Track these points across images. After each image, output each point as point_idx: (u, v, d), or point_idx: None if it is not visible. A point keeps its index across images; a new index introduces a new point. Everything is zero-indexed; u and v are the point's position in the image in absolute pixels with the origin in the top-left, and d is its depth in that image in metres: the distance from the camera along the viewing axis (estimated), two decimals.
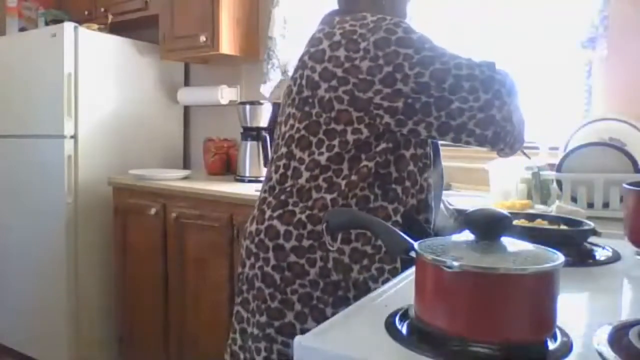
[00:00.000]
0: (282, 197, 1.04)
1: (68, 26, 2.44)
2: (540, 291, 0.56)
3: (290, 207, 1.02)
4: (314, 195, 1.01)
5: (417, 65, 0.99)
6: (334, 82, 1.00)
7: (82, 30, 2.49)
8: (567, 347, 0.57)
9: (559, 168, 1.60)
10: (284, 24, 2.59)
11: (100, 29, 2.66)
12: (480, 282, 0.55)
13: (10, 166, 2.67)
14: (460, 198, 1.82)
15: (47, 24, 2.81)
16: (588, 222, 1.06)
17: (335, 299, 0.98)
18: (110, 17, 2.81)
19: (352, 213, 0.82)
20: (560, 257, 0.58)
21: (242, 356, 1.06)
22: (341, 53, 1.01)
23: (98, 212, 2.53)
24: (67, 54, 2.42)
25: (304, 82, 1.05)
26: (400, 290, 0.78)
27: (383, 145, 1.01)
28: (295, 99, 1.07)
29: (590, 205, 1.52)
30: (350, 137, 1.00)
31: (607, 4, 1.83)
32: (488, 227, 0.61)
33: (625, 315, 0.72)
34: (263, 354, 1.01)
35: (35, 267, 2.55)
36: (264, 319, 1.01)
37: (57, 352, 2.46)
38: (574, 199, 1.55)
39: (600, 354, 0.55)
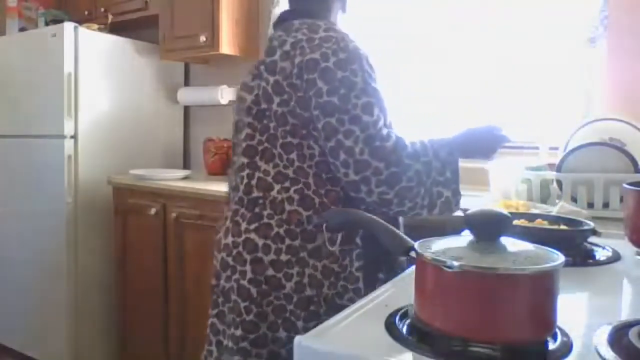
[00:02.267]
0: (257, 210, 1.04)
1: (68, 26, 2.44)
2: (540, 291, 0.56)
3: (265, 220, 1.03)
4: (287, 207, 1.02)
5: (318, 108, 0.99)
6: (285, 96, 1.02)
7: (82, 30, 2.49)
8: (567, 347, 0.57)
9: (559, 168, 1.60)
10: None
11: (100, 29, 2.66)
12: (480, 282, 0.55)
13: (10, 166, 2.67)
14: None
15: (47, 24, 2.81)
16: (588, 222, 1.06)
17: (307, 314, 1.01)
18: (110, 17, 2.81)
19: (352, 213, 0.82)
20: (560, 257, 0.58)
21: None
22: (287, 65, 1.03)
23: (98, 212, 2.53)
24: (67, 54, 2.42)
25: (260, 92, 1.06)
26: (400, 290, 0.78)
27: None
28: (252, 108, 1.07)
29: (590, 205, 1.52)
30: (306, 152, 1.03)
31: (607, 4, 1.83)
32: (488, 227, 0.61)
33: (625, 315, 0.72)
34: None
35: (35, 267, 2.55)
36: (239, 332, 1.02)
37: (57, 352, 2.46)
38: (574, 199, 1.55)
39: (600, 354, 0.55)
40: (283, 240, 1.02)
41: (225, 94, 2.72)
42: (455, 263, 0.56)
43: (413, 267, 0.64)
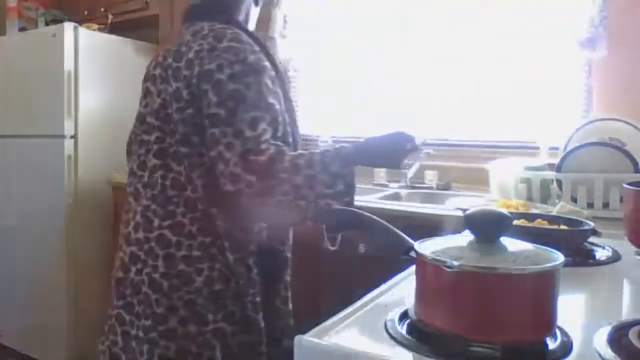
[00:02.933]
0: (170, 208, 1.07)
1: (68, 26, 2.44)
2: (540, 291, 0.56)
3: (179, 218, 1.06)
4: (199, 206, 1.06)
5: (207, 118, 1.02)
6: (181, 104, 1.04)
7: (82, 30, 2.49)
8: (567, 347, 0.57)
9: (559, 168, 1.60)
10: (284, 24, 2.59)
11: (100, 29, 2.66)
12: (480, 282, 0.55)
13: (10, 166, 2.67)
14: (460, 198, 1.82)
15: (47, 24, 2.81)
16: (588, 222, 1.06)
17: (215, 307, 1.05)
18: (110, 17, 2.81)
19: (352, 213, 0.82)
20: (560, 257, 0.58)
21: (123, 357, 1.09)
22: (188, 74, 1.04)
23: (98, 212, 2.53)
24: (67, 54, 2.42)
25: (167, 97, 1.07)
26: (400, 290, 0.78)
27: None
28: (159, 112, 1.09)
29: (590, 205, 1.52)
30: (196, 160, 1.06)
31: (607, 4, 1.83)
32: (488, 227, 0.61)
33: (625, 315, 0.71)
34: (145, 356, 1.04)
35: (36, 267, 2.55)
36: (149, 322, 1.05)
37: (57, 352, 2.46)
38: (574, 199, 1.55)
39: (600, 354, 0.55)
40: (195, 237, 1.05)
41: None
42: (455, 263, 0.55)
43: (413, 267, 0.64)
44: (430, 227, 1.55)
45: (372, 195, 2.01)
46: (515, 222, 0.95)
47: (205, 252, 1.05)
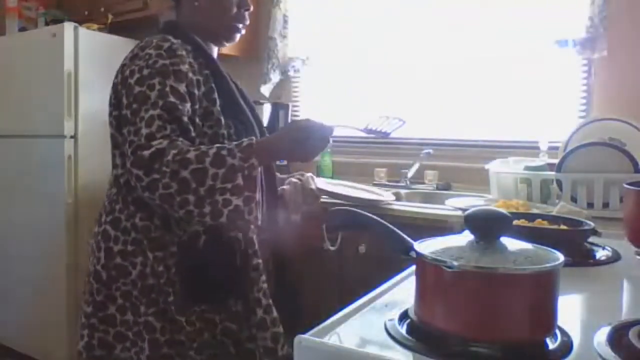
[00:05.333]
0: (113, 204, 1.16)
1: (68, 26, 2.43)
2: (540, 291, 0.56)
3: (117, 214, 1.14)
4: (131, 207, 1.12)
5: (120, 120, 1.14)
6: (110, 109, 1.23)
7: (82, 30, 2.49)
8: (567, 347, 0.57)
9: (559, 168, 1.60)
10: (284, 24, 2.59)
11: (100, 29, 2.65)
12: (480, 282, 0.55)
13: (10, 166, 2.67)
14: (460, 198, 1.82)
15: (47, 24, 2.81)
16: (588, 222, 1.06)
17: (148, 300, 1.09)
18: (110, 17, 2.81)
19: (352, 213, 0.82)
20: (560, 257, 0.58)
21: (78, 340, 1.20)
22: (116, 81, 1.19)
23: (98, 212, 2.53)
24: (67, 53, 2.41)
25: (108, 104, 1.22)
26: (400, 290, 0.78)
27: None
28: (109, 116, 1.24)
29: (590, 205, 1.52)
30: (118, 161, 1.21)
31: (607, 4, 1.83)
32: (488, 227, 0.61)
33: (625, 315, 0.71)
34: (85, 339, 1.15)
35: (35, 267, 2.55)
36: (89, 309, 1.14)
37: (57, 352, 2.46)
38: (574, 199, 1.55)
39: (600, 354, 0.55)
40: (129, 233, 1.11)
41: None
42: (455, 263, 0.56)
43: (413, 267, 0.64)
44: (430, 227, 1.56)
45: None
46: (515, 222, 0.95)
47: (138, 248, 1.10)
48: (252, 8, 1.26)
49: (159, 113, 1.02)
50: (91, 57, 2.50)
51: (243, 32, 1.27)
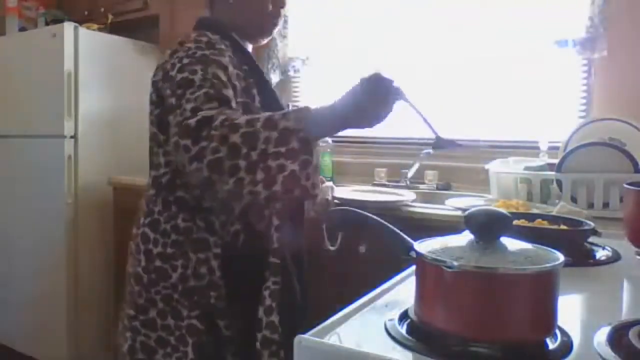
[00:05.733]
0: (151, 206, 1.14)
1: (68, 26, 2.43)
2: (540, 291, 0.56)
3: (156, 216, 1.13)
4: (173, 207, 1.11)
5: (165, 110, 1.06)
6: (151, 107, 1.16)
7: (82, 30, 2.49)
8: (567, 347, 0.57)
9: (559, 168, 1.60)
10: (284, 23, 2.59)
11: (100, 29, 2.66)
12: (480, 282, 0.55)
13: (10, 166, 2.67)
14: (460, 198, 1.82)
15: (47, 24, 2.81)
16: (588, 222, 1.06)
17: (190, 303, 1.08)
18: (110, 17, 2.81)
19: (352, 213, 0.82)
20: (560, 257, 0.58)
21: (120, 342, 1.17)
22: (156, 80, 1.13)
23: (98, 212, 2.53)
24: (67, 54, 2.41)
25: (149, 103, 1.18)
26: (400, 290, 0.78)
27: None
28: (150, 115, 1.19)
29: (590, 205, 1.52)
30: (161, 160, 1.15)
31: (607, 3, 1.83)
32: (488, 227, 0.61)
33: (625, 315, 0.71)
34: (129, 342, 1.12)
35: (36, 267, 2.55)
36: (132, 312, 1.13)
37: (57, 352, 2.46)
38: (574, 199, 1.55)
39: (600, 354, 0.55)
40: (169, 235, 1.10)
41: None
42: (455, 263, 0.56)
43: (413, 267, 0.64)
44: (430, 227, 1.55)
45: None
46: (515, 222, 0.95)
47: (178, 250, 1.09)
48: (286, 5, 1.25)
49: (205, 91, 0.98)
50: (91, 57, 2.51)
51: (278, 28, 1.27)
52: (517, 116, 2.13)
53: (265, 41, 1.27)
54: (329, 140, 2.42)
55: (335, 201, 1.43)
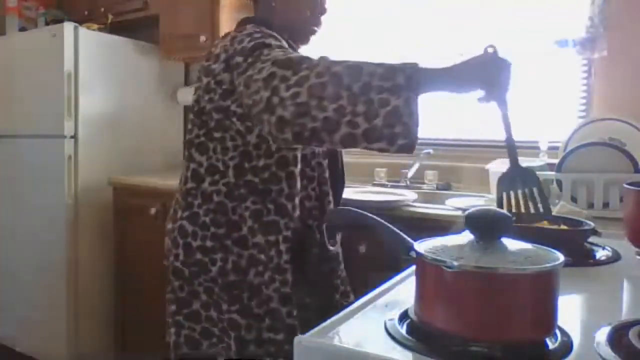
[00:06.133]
0: (189, 199, 1.13)
1: (68, 26, 2.43)
2: (540, 291, 0.56)
3: (195, 209, 1.12)
4: (215, 199, 1.10)
5: (239, 79, 1.01)
6: (212, 94, 1.10)
7: (82, 30, 2.49)
8: (567, 347, 0.57)
9: (559, 168, 1.60)
10: None
11: (100, 29, 2.65)
12: (480, 282, 0.55)
13: (10, 166, 2.67)
14: (460, 198, 1.82)
15: (47, 24, 2.81)
16: (588, 222, 1.06)
17: (230, 297, 1.09)
18: (110, 17, 2.81)
19: (352, 213, 0.82)
20: (560, 257, 0.58)
21: (166, 338, 1.17)
22: (216, 66, 1.09)
23: (98, 212, 2.53)
24: (67, 54, 2.41)
25: (200, 93, 1.13)
26: (400, 290, 0.78)
27: (265, 161, 1.09)
28: (194, 106, 1.15)
29: (590, 205, 1.52)
30: (229, 144, 1.10)
31: (607, 3, 1.83)
32: (488, 227, 0.61)
33: (625, 315, 0.72)
34: (173, 337, 1.13)
35: (36, 267, 2.55)
36: (173, 307, 1.13)
37: (57, 352, 2.45)
38: (574, 199, 1.55)
39: (600, 354, 0.55)
40: (208, 228, 1.10)
41: None
42: (455, 263, 0.56)
43: (413, 267, 0.64)
44: (430, 227, 1.55)
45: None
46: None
47: (218, 243, 1.09)
48: (327, 12, 1.25)
49: (284, 51, 0.97)
50: (91, 57, 2.50)
51: (317, 34, 1.28)
52: (517, 116, 2.13)
53: (303, 46, 1.27)
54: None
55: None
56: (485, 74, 0.91)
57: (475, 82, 0.91)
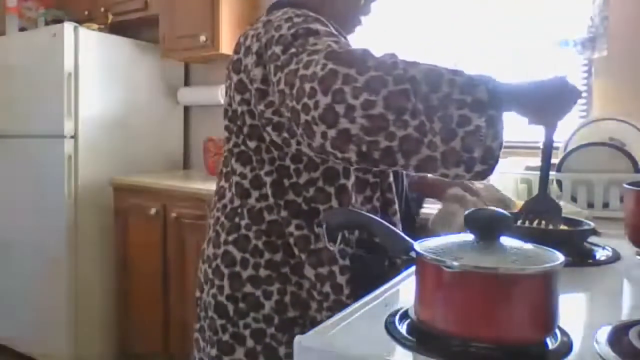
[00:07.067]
0: (236, 220, 0.94)
1: (68, 26, 2.44)
2: (540, 291, 0.56)
3: (243, 231, 0.93)
4: (267, 217, 0.92)
5: (274, 72, 0.82)
6: (246, 95, 0.91)
7: (82, 30, 2.49)
8: (567, 347, 0.57)
9: (559, 168, 1.60)
10: None
11: (100, 29, 2.65)
12: (480, 282, 0.55)
13: (10, 166, 2.67)
14: None
15: (47, 24, 2.81)
16: (588, 222, 1.06)
17: (290, 338, 0.86)
18: (110, 17, 2.81)
19: (352, 213, 0.82)
20: (560, 257, 0.58)
21: None
22: (249, 60, 0.90)
23: (98, 212, 2.53)
24: (67, 54, 2.41)
25: (230, 93, 0.96)
26: (400, 290, 0.78)
27: (309, 175, 0.90)
28: (227, 110, 0.98)
29: (590, 205, 1.52)
30: (265, 156, 0.92)
31: (607, 4, 1.83)
32: (488, 227, 0.61)
33: (625, 316, 0.71)
34: None
35: (36, 267, 2.55)
36: (214, 351, 0.94)
37: (57, 352, 2.46)
38: (574, 199, 1.55)
39: (600, 354, 0.55)
40: (262, 254, 0.92)
41: None
42: (455, 263, 0.55)
43: (413, 267, 0.64)
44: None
45: None
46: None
47: (274, 272, 0.91)
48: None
49: (335, 39, 0.79)
50: (91, 57, 2.51)
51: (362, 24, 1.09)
52: (518, 116, 2.13)
53: (347, 35, 1.05)
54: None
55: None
56: (561, 106, 0.81)
57: (549, 112, 0.81)
